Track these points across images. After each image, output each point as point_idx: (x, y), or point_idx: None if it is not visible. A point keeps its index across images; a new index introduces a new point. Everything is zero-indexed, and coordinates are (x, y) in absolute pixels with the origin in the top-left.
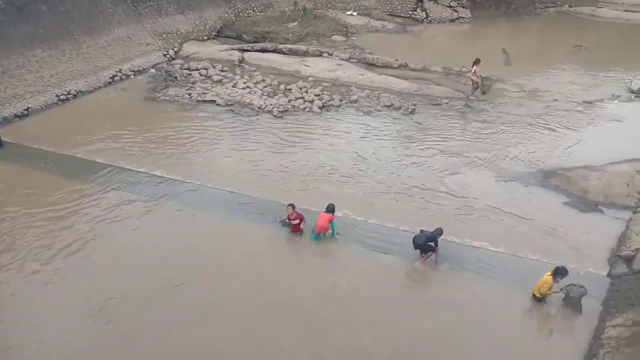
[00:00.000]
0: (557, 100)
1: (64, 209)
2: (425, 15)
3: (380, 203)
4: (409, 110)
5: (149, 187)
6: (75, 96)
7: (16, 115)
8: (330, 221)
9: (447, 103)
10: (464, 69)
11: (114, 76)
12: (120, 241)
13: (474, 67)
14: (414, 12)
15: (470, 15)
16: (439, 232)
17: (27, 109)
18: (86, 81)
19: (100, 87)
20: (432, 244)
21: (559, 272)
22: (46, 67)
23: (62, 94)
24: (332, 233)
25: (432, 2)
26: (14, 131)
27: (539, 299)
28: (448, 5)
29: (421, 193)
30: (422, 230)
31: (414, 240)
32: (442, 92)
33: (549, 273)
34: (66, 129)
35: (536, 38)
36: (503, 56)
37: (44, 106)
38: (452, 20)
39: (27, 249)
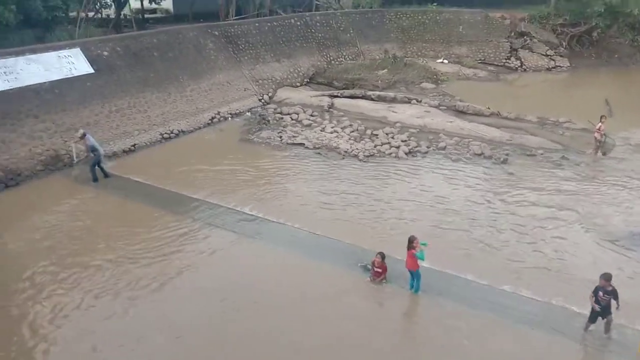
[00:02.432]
0: None
1: (156, 239)
2: (519, 64)
3: (467, 255)
4: (501, 159)
5: (237, 223)
6: (177, 135)
7: (124, 151)
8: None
9: (542, 154)
10: (560, 120)
11: (212, 118)
12: (205, 272)
13: (600, 124)
14: (507, 61)
15: (568, 64)
16: (604, 277)
17: (134, 145)
18: (187, 122)
19: (200, 128)
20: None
21: None
22: (153, 107)
23: (165, 133)
24: (421, 258)
25: (527, 50)
26: (121, 165)
27: None
28: (544, 54)
29: (513, 248)
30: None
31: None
32: (537, 142)
33: None
34: (167, 165)
35: None
36: (605, 107)
37: (148, 143)
38: (549, 69)
39: (119, 273)
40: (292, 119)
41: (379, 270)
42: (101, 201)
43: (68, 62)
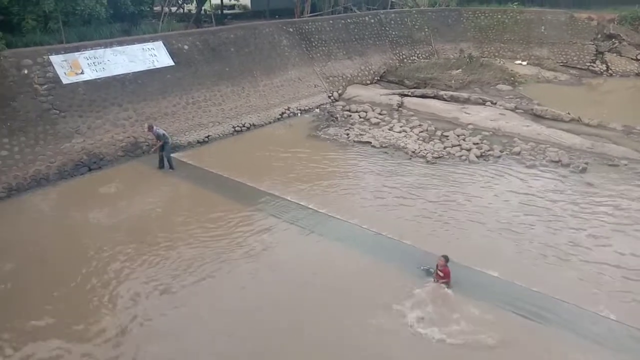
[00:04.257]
0: None
1: (222, 227)
2: (605, 68)
3: (534, 267)
4: (580, 168)
5: (301, 217)
6: (248, 129)
7: (198, 141)
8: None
9: (626, 165)
10: None
11: (282, 113)
12: (266, 263)
13: None
14: (592, 64)
15: None
16: None
17: (207, 136)
18: (259, 116)
19: (270, 123)
20: None
21: None
22: (228, 101)
23: (237, 126)
24: None
25: (614, 54)
26: (195, 155)
27: None
28: (635, 58)
29: (585, 263)
30: None
31: None
32: (621, 152)
33: None
34: (237, 157)
35: None
36: None
37: (221, 135)
38: (639, 74)
39: (186, 259)
40: (360, 117)
41: (442, 273)
42: (174, 188)
43: (151, 55)
